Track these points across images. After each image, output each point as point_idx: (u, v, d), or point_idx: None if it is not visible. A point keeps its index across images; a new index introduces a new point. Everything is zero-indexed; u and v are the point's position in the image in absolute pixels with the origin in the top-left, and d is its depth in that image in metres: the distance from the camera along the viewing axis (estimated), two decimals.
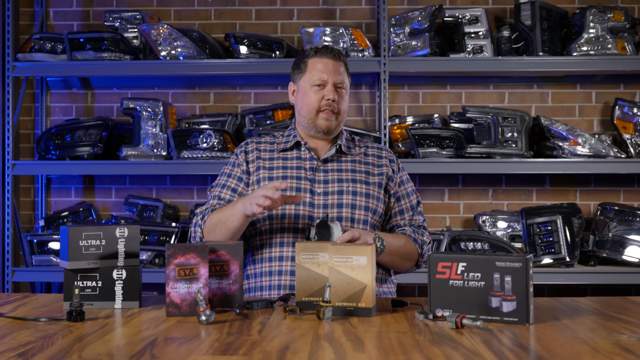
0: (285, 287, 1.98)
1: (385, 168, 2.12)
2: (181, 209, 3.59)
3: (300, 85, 2.10)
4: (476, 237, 3.23)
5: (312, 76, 2.06)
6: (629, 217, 3.30)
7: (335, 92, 2.05)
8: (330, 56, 2.08)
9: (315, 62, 2.08)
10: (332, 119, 2.06)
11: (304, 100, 2.08)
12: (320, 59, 2.08)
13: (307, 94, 2.07)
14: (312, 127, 2.08)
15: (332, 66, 2.07)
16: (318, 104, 2.05)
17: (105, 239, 1.71)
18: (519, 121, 3.29)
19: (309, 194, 2.02)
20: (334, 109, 2.05)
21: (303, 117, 2.09)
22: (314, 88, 2.06)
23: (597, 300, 1.84)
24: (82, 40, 3.35)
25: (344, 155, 2.11)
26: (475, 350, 1.28)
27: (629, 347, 1.30)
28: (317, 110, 2.06)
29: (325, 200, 2.02)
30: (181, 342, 1.36)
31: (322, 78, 2.05)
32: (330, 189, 2.03)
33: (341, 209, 2.01)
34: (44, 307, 1.73)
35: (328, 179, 2.05)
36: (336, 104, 2.05)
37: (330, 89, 2.05)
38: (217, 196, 2.08)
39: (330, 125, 2.06)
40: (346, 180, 2.05)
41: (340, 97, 2.07)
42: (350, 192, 2.03)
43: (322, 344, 1.33)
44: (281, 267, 1.99)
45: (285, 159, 2.09)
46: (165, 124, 3.36)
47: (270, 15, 3.62)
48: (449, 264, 1.56)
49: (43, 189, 3.61)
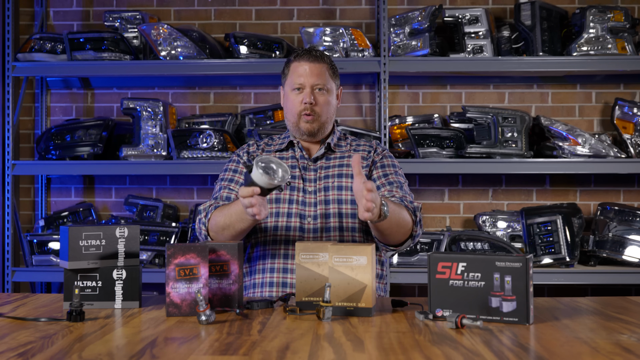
0: (279, 284, 2.00)
1: (369, 160, 2.13)
2: (181, 209, 3.59)
3: (285, 90, 2.13)
4: (476, 237, 3.23)
5: (292, 80, 2.08)
6: (629, 217, 3.30)
7: (312, 96, 2.05)
8: (307, 59, 2.07)
9: (295, 66, 2.09)
10: (311, 121, 2.06)
11: (287, 105, 2.11)
12: (299, 62, 2.08)
13: (288, 98, 2.10)
14: (297, 130, 2.10)
15: (310, 69, 2.06)
16: (298, 107, 2.06)
17: (105, 239, 1.71)
18: (519, 121, 3.29)
19: (302, 192, 2.05)
20: (312, 112, 2.05)
21: (288, 121, 2.12)
22: (294, 92, 2.08)
23: (597, 300, 1.84)
24: (82, 40, 3.35)
25: (333, 153, 2.14)
26: (475, 350, 1.28)
27: (629, 347, 1.30)
28: (298, 114, 2.07)
29: (315, 198, 2.04)
30: (181, 342, 1.36)
31: (299, 81, 2.06)
32: (318, 186, 2.06)
33: (328, 205, 2.03)
34: (44, 307, 1.73)
35: (317, 177, 2.08)
36: (314, 106, 2.05)
37: (307, 92, 2.05)
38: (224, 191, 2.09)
39: (312, 128, 2.07)
40: (332, 176, 2.07)
41: (320, 99, 2.06)
42: (336, 187, 2.05)
43: (322, 344, 1.33)
44: (273, 265, 2.02)
45: (281, 159, 2.10)
46: (165, 124, 3.36)
47: (270, 15, 3.62)
48: (449, 264, 1.56)
49: (43, 189, 3.61)
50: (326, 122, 2.10)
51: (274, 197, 2.05)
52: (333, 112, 2.12)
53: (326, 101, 2.08)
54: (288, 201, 2.04)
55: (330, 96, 2.09)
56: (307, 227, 2.02)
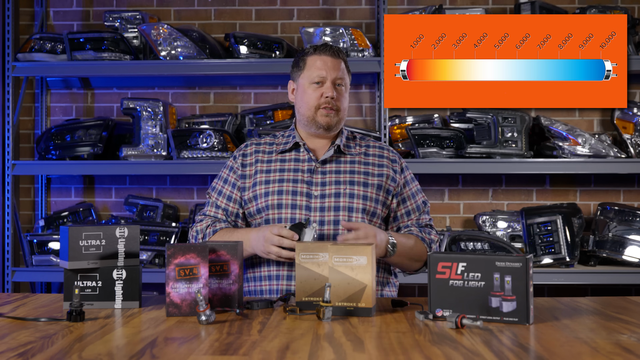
0: (279, 292, 1.98)
1: (386, 169, 2.08)
2: (181, 209, 3.59)
3: (300, 83, 2.08)
4: (476, 237, 3.23)
5: (311, 73, 2.04)
6: (629, 217, 3.30)
7: (334, 90, 2.02)
8: (329, 53, 2.05)
9: (314, 59, 2.06)
10: (331, 115, 2.03)
11: (303, 98, 2.06)
12: (319, 56, 2.05)
13: (306, 92, 2.05)
14: (312, 125, 2.05)
15: (331, 63, 2.04)
16: (317, 101, 2.03)
17: (105, 239, 1.71)
18: (519, 121, 3.29)
19: (305, 197, 2.00)
20: (333, 106, 2.02)
21: (302, 115, 2.07)
22: (313, 85, 2.04)
23: (597, 300, 1.84)
24: (82, 40, 3.35)
25: (343, 155, 2.08)
26: (475, 350, 1.28)
27: (629, 347, 1.30)
28: (316, 107, 2.03)
29: (322, 203, 1.99)
30: (181, 342, 1.36)
31: (321, 75, 2.03)
32: (327, 191, 2.01)
33: (338, 211, 1.98)
34: (44, 307, 1.73)
35: (325, 181, 2.02)
36: (335, 101, 2.03)
37: (329, 86, 2.02)
38: (214, 203, 2.09)
39: (330, 122, 2.03)
40: (344, 182, 2.02)
41: (340, 94, 2.05)
42: (348, 194, 2.00)
43: (322, 344, 1.33)
44: (279, 272, 1.99)
45: (284, 161, 2.06)
46: (165, 124, 3.36)
47: (270, 15, 3.62)
48: (449, 264, 1.56)
49: (43, 189, 3.61)
50: (343, 117, 2.08)
51: (276, 203, 2.00)
52: (347, 108, 2.11)
53: (345, 97, 2.08)
54: (291, 206, 1.99)
55: (347, 92, 2.09)
56: None
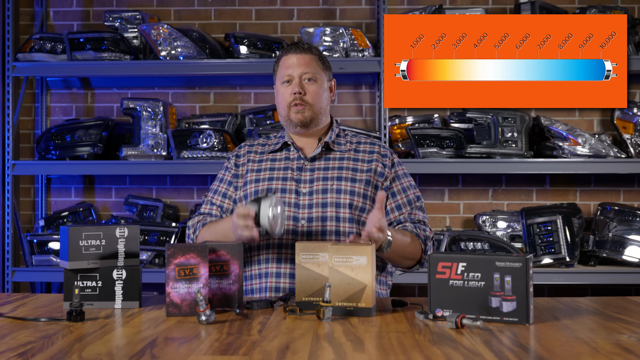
0: (272, 289, 1.97)
1: (375, 164, 2.07)
2: (181, 209, 3.59)
3: (275, 86, 2.13)
4: (476, 237, 3.23)
5: (281, 74, 2.07)
6: (629, 217, 3.30)
7: (301, 85, 2.03)
8: (294, 51, 2.07)
9: (284, 60, 2.09)
10: (302, 111, 2.03)
11: (277, 99, 2.11)
12: (287, 55, 2.08)
13: (279, 92, 2.09)
14: (289, 124, 2.07)
15: (298, 60, 2.06)
16: (288, 99, 2.05)
17: (105, 239, 1.71)
18: (519, 121, 3.29)
19: (294, 194, 2.01)
20: (302, 102, 2.03)
21: (281, 116, 2.10)
22: (283, 85, 2.07)
23: (597, 300, 1.84)
24: (82, 40, 3.35)
25: (332, 152, 2.08)
26: (475, 350, 1.28)
27: (629, 347, 1.30)
28: (288, 106, 2.05)
29: (310, 200, 2.00)
30: (181, 342, 1.36)
31: (288, 73, 2.05)
32: (315, 187, 2.01)
33: (325, 208, 1.98)
34: (44, 307, 1.73)
35: (314, 177, 2.03)
36: (303, 96, 2.03)
37: (296, 82, 2.04)
38: (209, 201, 2.13)
39: (303, 118, 2.04)
40: (331, 179, 2.02)
41: (309, 88, 2.05)
42: (335, 190, 2.00)
43: (322, 344, 1.33)
44: (267, 270, 1.98)
45: (274, 160, 2.09)
46: (165, 124, 3.36)
47: (270, 15, 3.62)
48: (449, 264, 1.56)
49: (43, 189, 3.61)
50: (319, 113, 2.06)
51: None
52: (326, 104, 2.09)
53: (316, 91, 2.05)
54: None
55: (320, 87, 2.07)
56: (301, 230, 1.97)
